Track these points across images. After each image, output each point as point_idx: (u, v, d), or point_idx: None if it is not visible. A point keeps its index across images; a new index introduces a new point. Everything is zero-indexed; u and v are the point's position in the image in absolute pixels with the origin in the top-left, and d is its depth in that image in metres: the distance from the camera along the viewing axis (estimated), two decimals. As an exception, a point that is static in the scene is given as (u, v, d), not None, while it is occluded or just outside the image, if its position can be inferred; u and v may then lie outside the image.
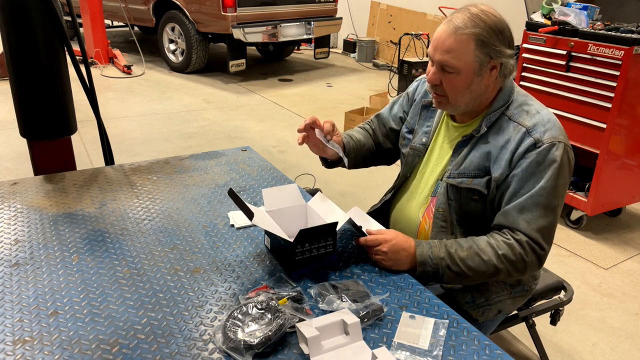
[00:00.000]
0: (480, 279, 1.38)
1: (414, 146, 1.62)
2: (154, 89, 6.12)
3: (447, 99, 1.42)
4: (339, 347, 1.07)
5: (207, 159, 2.07)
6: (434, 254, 1.35)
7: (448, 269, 1.35)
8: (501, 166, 1.38)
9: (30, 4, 1.88)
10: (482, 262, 1.34)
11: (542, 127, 1.36)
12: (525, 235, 1.34)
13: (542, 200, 1.33)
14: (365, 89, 6.47)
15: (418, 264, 1.35)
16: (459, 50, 1.32)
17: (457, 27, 1.32)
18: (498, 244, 1.35)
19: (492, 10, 1.36)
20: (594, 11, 3.23)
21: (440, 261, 1.35)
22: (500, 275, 1.36)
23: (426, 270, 1.35)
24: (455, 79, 1.36)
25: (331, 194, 1.57)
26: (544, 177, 1.33)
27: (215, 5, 5.95)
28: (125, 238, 1.49)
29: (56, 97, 2.03)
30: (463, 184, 1.44)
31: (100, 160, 2.48)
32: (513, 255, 1.33)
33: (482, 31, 1.31)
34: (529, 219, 1.34)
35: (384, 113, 1.78)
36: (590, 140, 3.03)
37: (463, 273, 1.35)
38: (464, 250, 1.35)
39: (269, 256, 1.42)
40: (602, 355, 2.25)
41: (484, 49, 1.32)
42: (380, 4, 7.92)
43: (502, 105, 1.43)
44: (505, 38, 1.35)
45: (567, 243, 3.12)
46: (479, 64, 1.34)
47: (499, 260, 1.33)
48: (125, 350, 1.07)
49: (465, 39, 1.32)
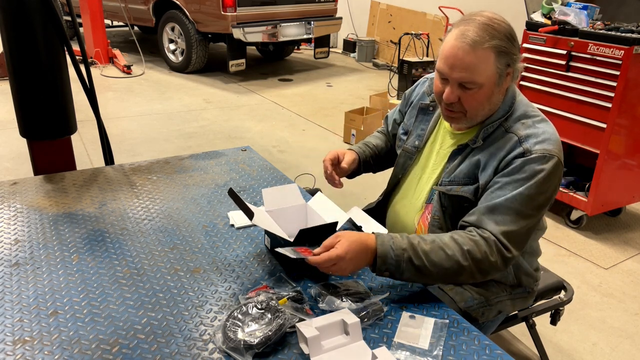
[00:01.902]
0: (442, 278, 1.28)
1: (406, 148, 1.60)
2: (154, 88, 6.12)
3: (464, 114, 1.36)
4: (339, 347, 1.07)
5: (207, 159, 2.07)
6: (395, 245, 1.23)
7: (410, 262, 1.23)
8: (488, 173, 1.35)
9: (30, 4, 1.88)
10: (446, 256, 1.24)
11: (535, 138, 1.31)
12: (492, 234, 1.27)
13: (515, 206, 1.28)
14: (365, 89, 6.47)
15: (378, 255, 1.22)
16: (480, 65, 1.27)
17: (474, 41, 1.26)
18: (463, 239, 1.27)
19: (498, 17, 1.31)
20: (594, 11, 3.23)
21: (403, 252, 1.22)
22: (462, 276, 1.27)
23: (386, 262, 1.22)
24: (477, 93, 1.31)
25: (331, 194, 1.57)
26: (524, 185, 1.28)
27: (215, 5, 5.95)
28: (125, 238, 1.49)
29: (56, 97, 2.03)
30: (452, 191, 1.42)
31: (100, 160, 2.48)
32: (478, 252, 1.25)
33: (500, 42, 1.27)
34: (498, 220, 1.28)
35: (389, 114, 1.79)
36: (590, 140, 3.03)
37: (425, 268, 1.23)
38: (427, 243, 1.25)
39: (269, 256, 1.42)
40: (602, 355, 2.25)
41: (503, 59, 1.29)
42: (380, 4, 7.92)
43: (501, 116, 1.38)
44: (517, 43, 1.31)
45: (567, 243, 3.12)
46: (499, 75, 1.30)
47: (463, 257, 1.24)
48: (125, 350, 1.07)
49: (486, 53, 1.26)
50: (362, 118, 4.54)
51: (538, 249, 1.61)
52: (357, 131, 4.53)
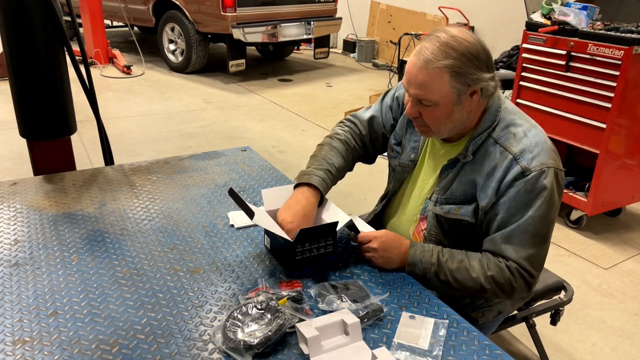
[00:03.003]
0: (466, 293, 1.38)
1: (402, 163, 1.56)
2: (154, 89, 6.12)
3: (429, 128, 1.36)
4: (339, 347, 1.07)
5: (207, 159, 2.07)
6: (425, 258, 1.35)
7: (435, 276, 1.35)
8: (487, 195, 1.33)
9: (30, 4, 1.88)
10: (470, 278, 1.33)
11: (529, 153, 1.29)
12: (514, 262, 1.31)
13: (530, 229, 1.29)
14: (365, 89, 6.47)
15: (407, 263, 1.36)
16: (432, 83, 1.25)
17: (427, 60, 1.24)
18: (489, 264, 1.32)
19: (463, 35, 1.26)
20: (594, 11, 3.23)
21: (430, 267, 1.34)
22: (486, 294, 1.35)
23: (414, 271, 1.36)
24: (434, 111, 1.30)
25: (331, 194, 1.56)
26: (533, 206, 1.27)
27: (215, 5, 5.95)
28: (125, 238, 1.49)
29: (56, 97, 2.03)
30: (450, 213, 1.40)
31: (100, 161, 2.48)
32: (502, 278, 1.31)
33: (455, 61, 1.23)
34: (516, 247, 1.30)
35: (377, 118, 1.65)
36: (590, 140, 3.03)
37: (449, 284, 1.35)
38: (454, 262, 1.34)
39: (269, 256, 1.42)
40: (602, 355, 2.25)
41: (459, 79, 1.24)
42: (380, 4, 7.92)
43: (488, 127, 1.35)
44: (481, 62, 1.25)
45: (567, 243, 3.12)
46: (457, 94, 1.27)
47: (486, 281, 1.32)
48: (125, 351, 1.07)
49: (437, 72, 1.24)
50: (362, 118, 4.53)
51: None
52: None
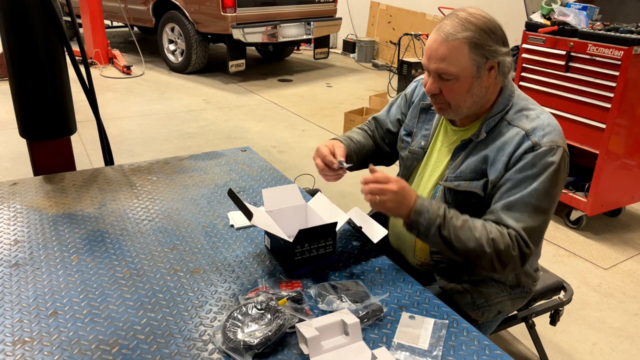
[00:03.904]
0: (463, 256, 1.35)
1: (412, 149, 1.60)
2: (154, 89, 6.12)
3: (448, 105, 1.40)
4: (339, 348, 1.07)
5: (207, 159, 2.07)
6: (432, 209, 1.34)
7: (438, 230, 1.33)
8: (498, 168, 1.37)
9: (30, 4, 1.88)
10: (473, 238, 1.32)
11: (541, 130, 1.34)
12: (514, 230, 1.33)
13: (532, 201, 1.32)
14: (364, 89, 6.47)
15: (414, 211, 1.33)
16: (453, 56, 1.32)
17: (447, 33, 1.31)
18: (491, 228, 1.33)
19: (480, 12, 1.35)
20: (594, 11, 3.23)
21: (436, 218, 1.33)
22: (483, 260, 1.33)
23: (418, 220, 1.33)
24: (455, 85, 1.35)
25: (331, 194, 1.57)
26: (537, 180, 1.31)
27: (214, 6, 5.95)
28: (124, 238, 1.49)
29: (56, 98, 2.03)
30: (460, 187, 1.43)
31: (100, 161, 2.48)
32: (502, 243, 1.31)
33: (474, 34, 1.30)
34: (517, 217, 1.33)
35: (381, 115, 1.77)
36: (589, 140, 3.04)
37: (450, 241, 1.33)
38: (459, 220, 1.34)
39: (269, 256, 1.42)
40: (602, 356, 2.25)
41: (478, 50, 1.31)
42: (379, 4, 7.92)
43: (501, 110, 1.41)
44: (498, 37, 1.34)
45: (567, 243, 3.12)
46: (477, 67, 1.33)
47: (487, 243, 1.31)
48: (125, 351, 1.07)
49: (457, 44, 1.31)
50: (361, 118, 4.54)
51: (539, 250, 1.61)
52: (356, 131, 4.52)
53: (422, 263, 1.57)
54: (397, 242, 1.65)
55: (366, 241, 1.52)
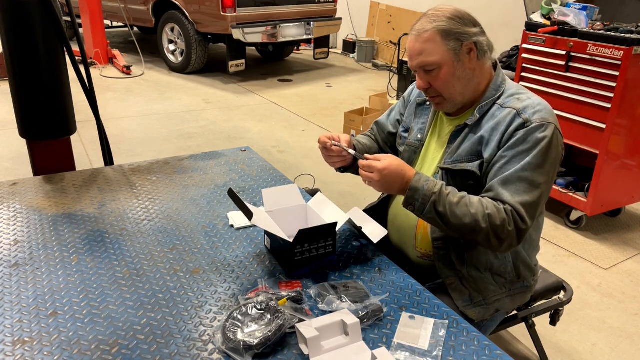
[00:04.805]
0: (459, 231, 1.37)
1: (409, 142, 1.65)
2: (154, 89, 6.12)
3: (442, 97, 1.47)
4: (339, 348, 1.07)
5: (207, 159, 2.07)
6: (428, 186, 1.36)
7: (434, 206, 1.35)
8: (492, 147, 1.41)
9: (30, 4, 1.88)
10: (469, 214, 1.34)
11: (532, 109, 1.39)
12: (509, 205, 1.35)
13: (526, 175, 1.35)
14: (364, 90, 6.47)
15: (409, 188, 1.37)
16: (428, 47, 1.41)
17: (419, 30, 1.43)
18: (488, 204, 1.35)
19: (445, 6, 1.45)
20: (594, 11, 3.23)
21: (431, 195, 1.35)
22: (479, 236, 1.35)
23: (414, 197, 1.36)
24: (439, 73, 1.43)
25: (331, 194, 1.57)
26: (530, 154, 1.35)
27: (214, 6, 5.95)
28: (124, 238, 1.49)
29: (55, 98, 2.03)
30: (457, 166, 1.47)
31: (100, 161, 2.48)
32: (498, 219, 1.33)
33: (441, 22, 1.40)
34: (512, 191, 1.35)
35: (382, 119, 1.82)
36: (589, 140, 3.04)
37: (446, 217, 1.35)
38: (455, 197, 1.36)
39: (269, 257, 1.42)
40: (602, 356, 2.25)
41: (450, 36, 1.40)
42: (379, 4, 7.92)
43: (493, 95, 1.47)
44: (466, 20, 1.42)
45: (567, 243, 3.12)
46: (454, 52, 1.41)
47: (483, 219, 1.33)
48: (125, 351, 1.07)
49: (429, 35, 1.41)
50: (361, 119, 4.54)
51: (537, 243, 1.61)
52: (356, 132, 4.53)
53: (423, 254, 1.58)
54: (398, 236, 1.65)
55: (366, 241, 1.52)
